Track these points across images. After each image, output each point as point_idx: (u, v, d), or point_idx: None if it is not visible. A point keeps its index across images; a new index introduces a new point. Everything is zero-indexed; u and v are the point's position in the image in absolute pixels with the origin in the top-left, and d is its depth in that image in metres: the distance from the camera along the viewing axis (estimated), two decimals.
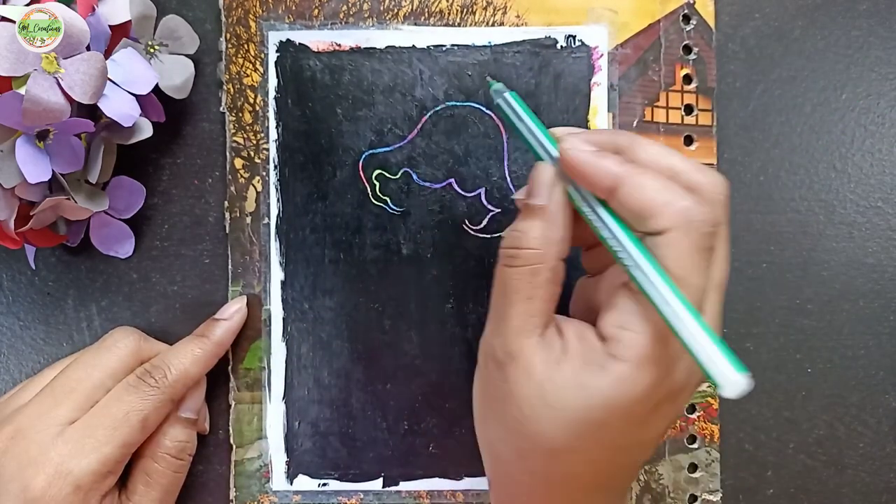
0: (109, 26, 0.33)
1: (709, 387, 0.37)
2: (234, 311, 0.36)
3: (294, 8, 0.37)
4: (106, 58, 0.32)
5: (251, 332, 0.37)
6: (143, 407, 0.32)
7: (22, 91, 0.29)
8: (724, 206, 0.27)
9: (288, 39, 0.37)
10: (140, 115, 0.33)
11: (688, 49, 0.37)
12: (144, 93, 0.33)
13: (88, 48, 0.30)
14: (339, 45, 0.37)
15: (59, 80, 0.30)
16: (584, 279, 0.32)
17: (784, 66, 0.38)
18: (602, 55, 0.37)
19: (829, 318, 0.38)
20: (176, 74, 0.35)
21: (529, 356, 0.27)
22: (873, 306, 0.38)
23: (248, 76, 0.37)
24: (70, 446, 0.31)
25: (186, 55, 0.36)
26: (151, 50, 0.35)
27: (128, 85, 0.33)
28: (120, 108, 0.32)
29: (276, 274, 0.37)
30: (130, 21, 0.33)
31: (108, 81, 0.32)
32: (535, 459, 0.28)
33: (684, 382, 0.27)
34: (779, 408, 0.38)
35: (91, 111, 0.33)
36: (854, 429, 0.38)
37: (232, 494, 0.37)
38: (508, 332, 0.28)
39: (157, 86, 0.34)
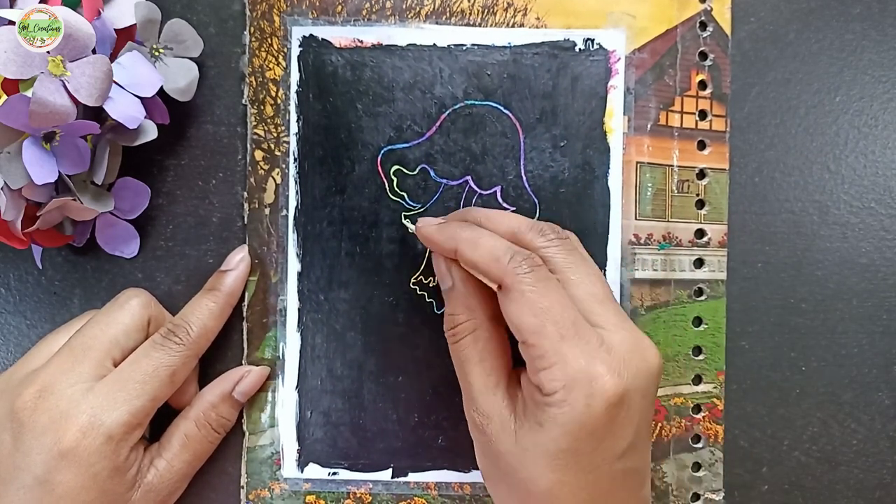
0: (115, 30, 0.33)
1: (714, 388, 0.38)
2: (238, 260, 0.37)
3: (317, 4, 0.37)
4: (111, 61, 0.32)
5: (266, 321, 0.38)
6: (171, 363, 0.34)
7: (29, 93, 0.29)
8: (562, 247, 0.31)
9: (311, 35, 0.37)
10: (145, 118, 0.33)
11: (703, 55, 0.38)
12: (149, 95, 0.33)
13: (94, 51, 0.31)
14: (361, 42, 0.37)
15: (66, 83, 0.30)
16: None
17: (778, 69, 0.39)
18: (619, 59, 0.37)
19: (822, 317, 0.39)
20: (180, 77, 0.36)
21: (500, 412, 0.30)
22: (866, 305, 0.39)
23: (270, 70, 0.37)
24: (101, 399, 0.32)
25: (190, 58, 0.36)
26: (156, 53, 0.35)
27: (133, 87, 0.33)
28: (125, 110, 0.32)
29: (293, 265, 0.38)
30: (135, 25, 0.34)
31: (114, 84, 0.32)
32: None
33: (621, 385, 0.28)
34: (774, 405, 0.39)
35: (97, 113, 0.33)
36: (847, 426, 0.39)
37: (243, 481, 0.38)
38: (476, 396, 0.31)
39: (161, 88, 0.34)
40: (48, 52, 0.29)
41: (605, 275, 0.37)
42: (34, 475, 0.31)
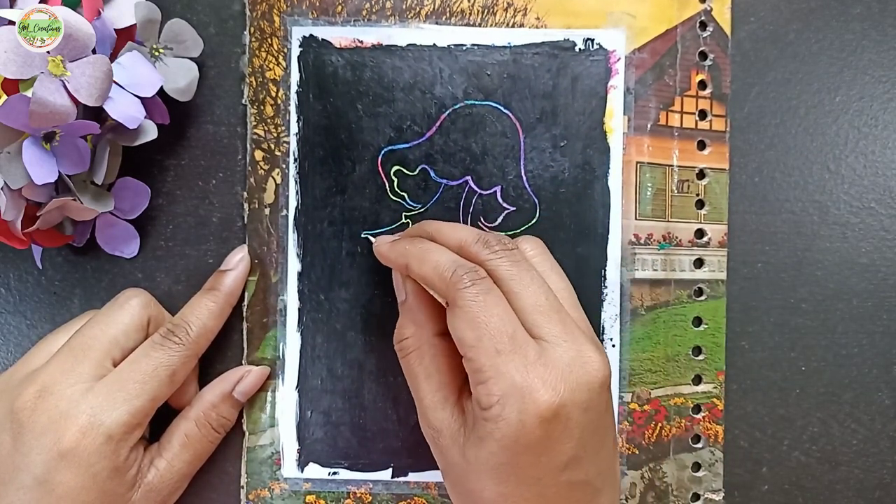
0: (115, 30, 0.33)
1: (714, 388, 0.38)
2: (238, 260, 0.37)
3: (318, 4, 0.37)
4: (111, 61, 0.32)
5: (266, 321, 0.38)
6: (171, 363, 0.34)
7: (29, 93, 0.29)
8: (507, 258, 0.30)
9: (311, 35, 0.37)
10: (145, 118, 0.33)
11: (703, 55, 0.38)
12: (149, 95, 0.33)
13: (94, 51, 0.31)
14: (361, 42, 0.37)
15: (66, 83, 0.30)
16: None
17: (779, 68, 0.39)
18: (619, 59, 0.38)
19: (823, 317, 0.39)
20: (180, 77, 0.36)
21: (449, 425, 0.31)
22: (866, 305, 0.39)
23: (270, 70, 0.37)
24: (101, 399, 0.32)
25: (190, 58, 0.36)
26: (156, 53, 0.35)
27: (133, 87, 0.33)
28: (125, 110, 0.32)
29: (293, 265, 0.38)
30: (135, 25, 0.34)
31: (114, 84, 0.32)
32: None
33: (555, 399, 0.28)
34: (774, 405, 0.39)
35: (97, 113, 0.33)
36: (848, 426, 0.39)
37: (243, 481, 0.38)
38: (426, 411, 0.31)
39: (161, 88, 0.34)
40: (48, 52, 0.29)
41: (605, 275, 0.38)
42: (34, 475, 0.31)
